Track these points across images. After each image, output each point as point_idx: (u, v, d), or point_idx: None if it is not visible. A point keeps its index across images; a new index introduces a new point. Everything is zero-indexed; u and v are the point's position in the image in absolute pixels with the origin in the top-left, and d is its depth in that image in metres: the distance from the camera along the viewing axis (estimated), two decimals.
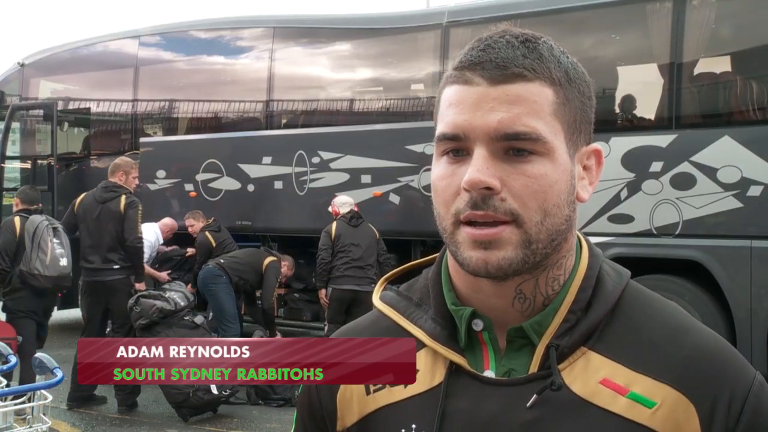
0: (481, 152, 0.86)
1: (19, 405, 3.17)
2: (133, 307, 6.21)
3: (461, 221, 0.88)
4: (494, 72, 0.87)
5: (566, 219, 0.90)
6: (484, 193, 0.85)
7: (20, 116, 10.55)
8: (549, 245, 0.89)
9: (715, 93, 6.40)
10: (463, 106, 0.88)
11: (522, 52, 0.88)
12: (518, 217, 0.86)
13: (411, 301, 1.01)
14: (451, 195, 0.88)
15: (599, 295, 0.93)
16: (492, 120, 0.86)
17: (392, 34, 8.06)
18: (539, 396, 0.88)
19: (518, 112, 0.86)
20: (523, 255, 0.87)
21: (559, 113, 0.88)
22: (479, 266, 0.87)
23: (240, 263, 7.31)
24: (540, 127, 0.86)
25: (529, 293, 0.92)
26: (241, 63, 9.17)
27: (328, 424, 1.02)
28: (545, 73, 0.88)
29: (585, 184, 0.94)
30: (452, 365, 0.94)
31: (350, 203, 7.19)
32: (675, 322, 0.93)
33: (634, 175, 6.29)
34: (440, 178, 0.90)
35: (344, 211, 7.12)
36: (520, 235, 0.87)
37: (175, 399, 6.13)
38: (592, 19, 6.85)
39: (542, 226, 0.87)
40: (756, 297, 5.87)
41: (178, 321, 6.28)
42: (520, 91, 0.86)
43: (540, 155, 0.87)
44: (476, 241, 0.87)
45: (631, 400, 0.87)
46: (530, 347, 0.92)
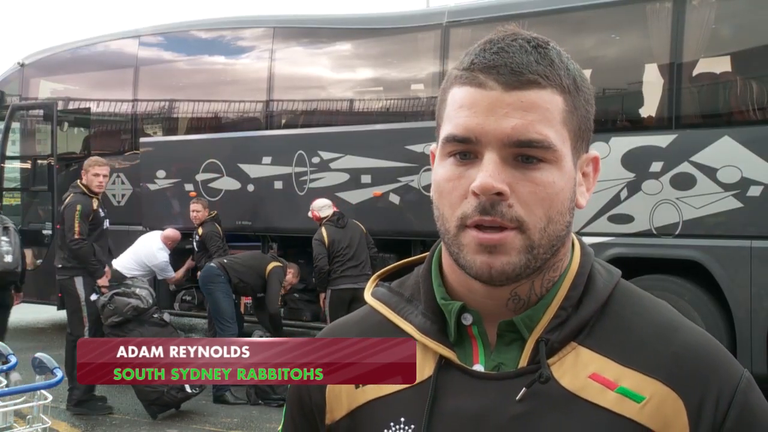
0: (492, 157, 0.86)
1: (19, 405, 3.17)
2: (107, 304, 6.24)
3: (467, 225, 0.88)
4: (509, 77, 0.87)
5: (567, 225, 0.91)
6: (494, 198, 0.86)
7: (20, 116, 10.56)
8: (549, 250, 0.90)
9: (715, 93, 6.40)
10: (475, 109, 0.87)
11: (535, 57, 0.88)
12: (523, 224, 0.87)
13: (402, 297, 1.02)
14: (458, 198, 0.89)
15: (590, 292, 0.94)
16: (506, 126, 0.86)
17: (392, 34, 8.07)
18: (528, 389, 0.89)
19: (532, 119, 0.86)
20: (526, 260, 0.88)
21: (567, 121, 0.89)
22: (483, 270, 0.88)
23: (243, 265, 7.25)
24: (551, 135, 0.87)
25: (524, 295, 0.93)
26: (241, 63, 9.17)
27: (317, 418, 1.03)
28: (556, 80, 0.88)
29: (583, 190, 0.95)
30: (442, 359, 0.95)
31: (329, 205, 7.20)
32: (665, 319, 0.94)
33: (634, 175, 6.29)
34: (446, 179, 0.90)
35: (325, 215, 7.12)
36: (524, 241, 0.87)
37: (147, 397, 6.20)
38: (593, 19, 6.85)
39: (545, 233, 0.88)
40: (756, 297, 5.88)
41: (149, 318, 6.36)
42: (534, 98, 0.87)
43: (549, 163, 0.87)
44: (482, 244, 0.87)
45: (619, 395, 0.88)
46: (520, 342, 0.93)
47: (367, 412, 0.98)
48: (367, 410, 0.98)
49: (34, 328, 10.40)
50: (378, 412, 0.97)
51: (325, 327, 1.11)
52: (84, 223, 6.43)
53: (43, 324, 10.38)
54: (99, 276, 6.58)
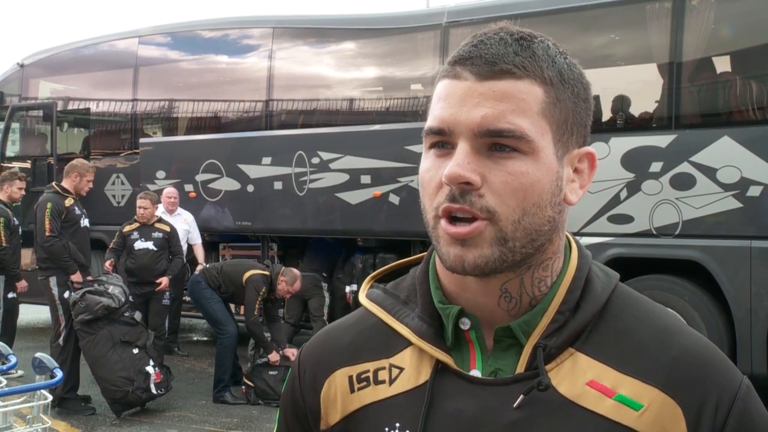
0: (463, 147, 0.85)
1: (19, 405, 3.17)
2: (78, 302, 6.26)
3: (440, 215, 0.87)
4: (483, 67, 0.86)
5: (549, 220, 0.88)
6: (463, 188, 0.85)
7: (20, 116, 10.56)
8: (529, 245, 0.87)
9: (714, 93, 6.40)
10: (450, 100, 0.87)
11: (514, 49, 0.87)
12: (494, 215, 0.85)
13: (398, 299, 1.00)
14: (434, 188, 0.88)
15: (588, 296, 0.92)
16: (476, 115, 0.85)
17: (392, 34, 8.07)
18: (526, 396, 0.87)
19: (503, 109, 0.85)
20: (499, 253, 0.86)
21: (547, 113, 0.87)
22: (456, 263, 0.87)
23: (219, 272, 7.02)
24: (525, 125, 0.85)
25: (514, 292, 0.91)
26: (240, 63, 9.17)
27: (311, 422, 1.01)
28: (536, 71, 0.86)
29: (575, 187, 0.92)
30: (438, 364, 0.93)
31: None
32: (663, 324, 0.92)
33: (633, 176, 6.29)
34: (425, 170, 0.90)
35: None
36: (495, 233, 0.85)
37: (113, 396, 6.24)
38: (592, 19, 6.85)
39: (519, 225, 0.86)
40: (756, 297, 5.87)
41: (119, 317, 6.37)
42: (507, 87, 0.85)
43: (523, 153, 0.85)
44: (452, 238, 0.86)
45: (617, 402, 0.87)
46: (517, 347, 0.91)
47: (363, 416, 0.96)
48: (363, 415, 0.96)
49: (34, 328, 10.40)
50: (373, 416, 0.95)
51: (322, 328, 1.10)
52: (55, 220, 6.46)
53: (43, 324, 10.37)
54: (72, 272, 6.59)
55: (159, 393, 6.43)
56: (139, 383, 6.24)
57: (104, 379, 6.23)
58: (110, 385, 6.20)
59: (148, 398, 6.39)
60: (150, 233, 7.29)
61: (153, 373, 6.36)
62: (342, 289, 8.19)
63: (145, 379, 6.30)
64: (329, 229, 8.04)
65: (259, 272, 6.86)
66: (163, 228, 7.37)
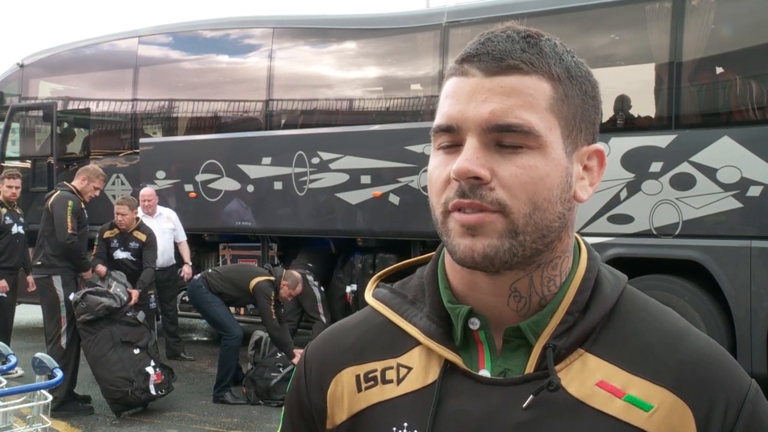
0: (472, 142, 0.85)
1: (19, 405, 3.17)
2: (79, 302, 6.27)
3: (449, 210, 0.87)
4: (490, 64, 0.86)
5: (559, 216, 0.88)
6: (472, 182, 0.85)
7: (20, 116, 10.56)
8: (539, 240, 0.87)
9: (714, 93, 6.40)
10: (458, 97, 0.87)
11: (521, 46, 0.87)
12: (505, 208, 0.85)
13: (405, 299, 1.00)
14: (442, 184, 0.88)
15: (597, 297, 0.92)
16: (484, 111, 0.85)
17: (392, 34, 8.07)
18: (535, 396, 0.87)
19: (511, 104, 0.85)
20: (509, 245, 0.86)
21: (556, 108, 0.87)
22: (466, 254, 0.86)
23: (221, 277, 6.97)
24: (533, 120, 0.85)
25: (524, 292, 0.91)
26: (240, 63, 9.17)
27: (317, 421, 1.01)
28: (544, 67, 0.87)
29: (585, 184, 0.92)
30: (447, 363, 0.93)
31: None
32: (672, 326, 0.92)
33: (633, 176, 6.30)
34: (434, 168, 0.90)
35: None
36: (507, 224, 0.85)
37: (112, 396, 6.25)
38: (592, 19, 6.85)
39: (530, 219, 0.86)
40: (756, 297, 5.88)
41: (121, 318, 6.39)
42: (515, 83, 0.86)
43: (531, 148, 0.85)
44: (464, 225, 0.86)
45: (627, 403, 0.87)
46: (526, 348, 0.91)
47: (370, 416, 0.96)
48: (370, 414, 0.96)
49: (34, 328, 10.40)
50: (380, 416, 0.95)
51: (326, 328, 1.09)
52: (75, 219, 6.48)
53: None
54: (86, 270, 6.66)
55: (159, 394, 6.42)
56: (139, 384, 6.24)
57: (103, 379, 6.24)
58: (109, 385, 6.21)
59: (147, 399, 6.38)
60: (128, 242, 7.22)
61: (153, 373, 6.36)
62: (342, 289, 8.19)
63: (145, 379, 6.30)
64: (329, 229, 8.05)
65: (265, 279, 6.86)
66: (140, 237, 7.24)
